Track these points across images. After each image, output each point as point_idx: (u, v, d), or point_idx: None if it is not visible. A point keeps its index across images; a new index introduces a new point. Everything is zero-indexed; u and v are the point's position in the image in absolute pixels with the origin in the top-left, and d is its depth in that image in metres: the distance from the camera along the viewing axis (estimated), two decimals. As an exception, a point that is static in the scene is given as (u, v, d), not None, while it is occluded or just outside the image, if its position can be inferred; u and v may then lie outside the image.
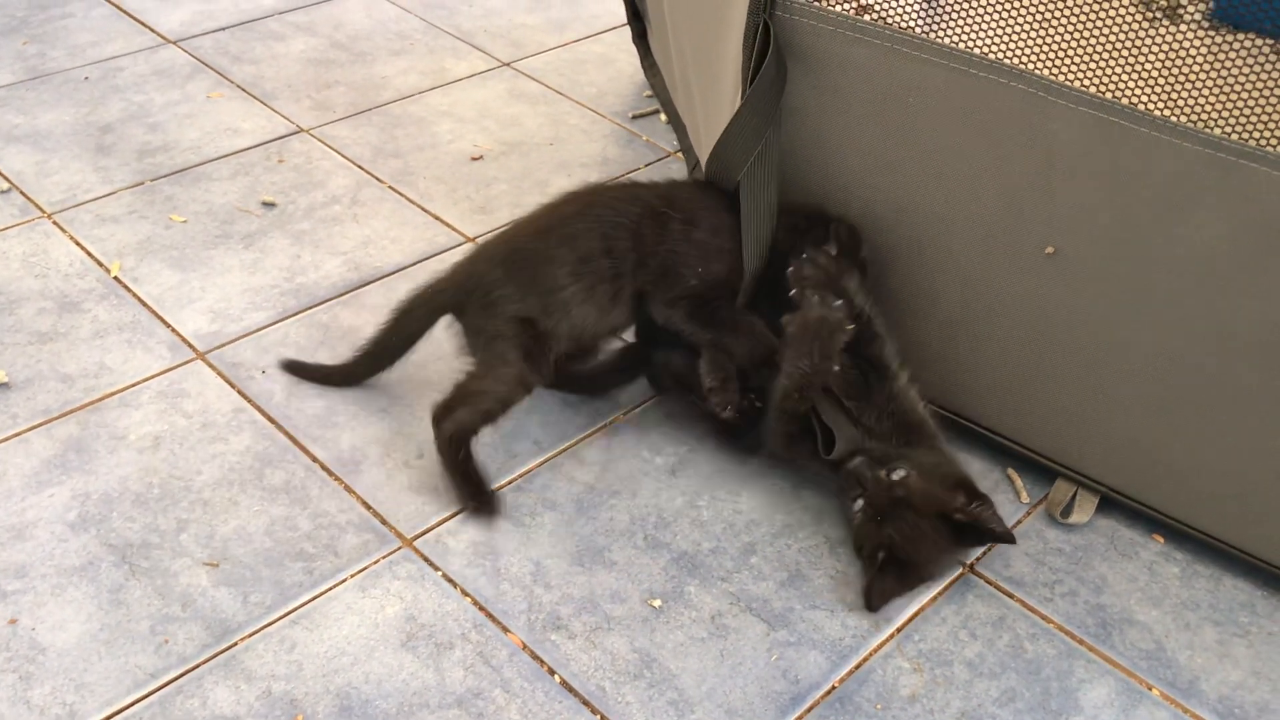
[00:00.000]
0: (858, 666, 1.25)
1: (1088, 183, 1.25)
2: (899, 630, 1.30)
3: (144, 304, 1.68)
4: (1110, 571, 1.37)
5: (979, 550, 1.38)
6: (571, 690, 1.21)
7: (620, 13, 2.33)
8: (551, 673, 1.23)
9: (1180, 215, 1.21)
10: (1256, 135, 1.17)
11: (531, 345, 1.40)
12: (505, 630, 1.27)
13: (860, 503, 1.32)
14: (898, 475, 1.29)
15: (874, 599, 1.30)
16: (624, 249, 1.41)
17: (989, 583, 1.35)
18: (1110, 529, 1.43)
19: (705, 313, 1.41)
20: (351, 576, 1.32)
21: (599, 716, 1.19)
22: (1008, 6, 1.28)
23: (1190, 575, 1.38)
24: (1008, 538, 1.31)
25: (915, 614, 1.31)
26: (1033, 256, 1.32)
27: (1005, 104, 1.25)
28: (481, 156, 2.05)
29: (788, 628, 1.29)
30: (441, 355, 1.57)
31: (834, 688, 1.23)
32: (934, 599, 1.33)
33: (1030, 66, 1.26)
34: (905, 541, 1.29)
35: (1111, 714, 1.22)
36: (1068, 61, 1.24)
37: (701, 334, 1.41)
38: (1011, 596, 1.34)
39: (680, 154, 2.06)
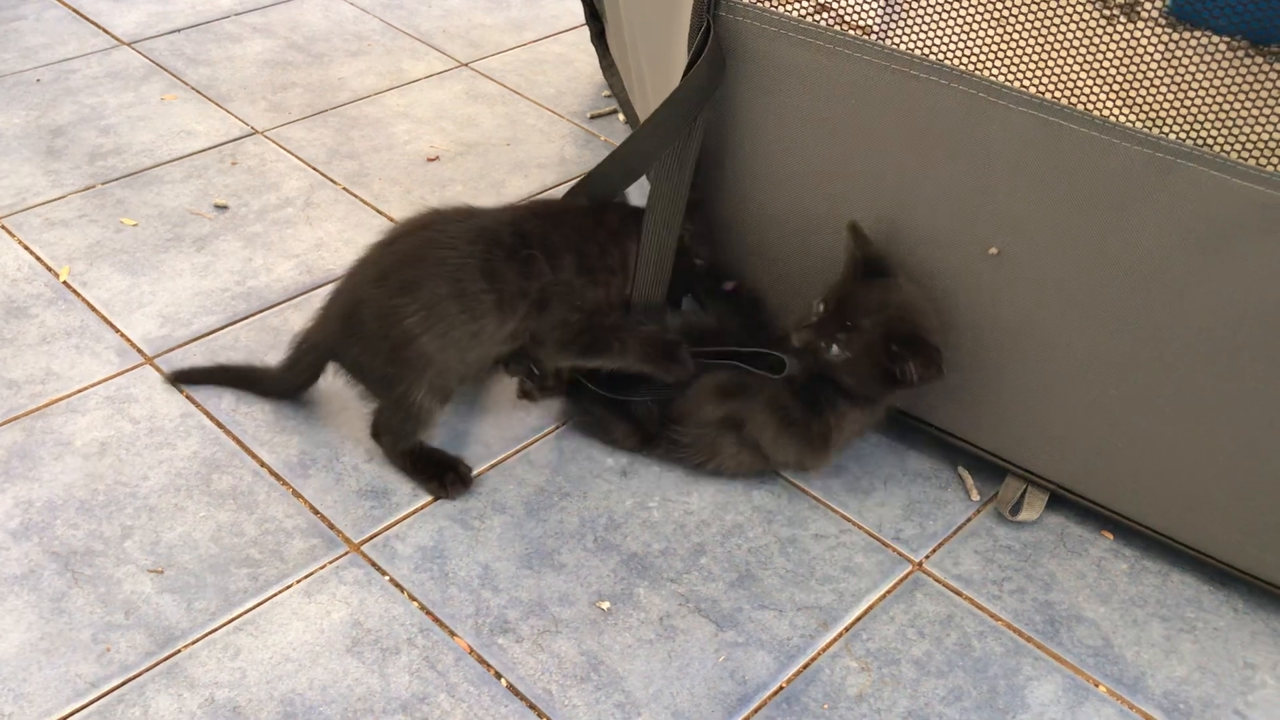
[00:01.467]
0: (805, 666, 1.25)
1: (1028, 183, 1.25)
2: (847, 629, 1.30)
3: (93, 308, 1.66)
4: (1059, 568, 1.38)
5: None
6: (518, 694, 1.21)
7: (579, 13, 2.33)
8: (498, 676, 1.22)
9: (1120, 215, 1.22)
10: (1205, 134, 1.18)
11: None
12: (452, 634, 1.26)
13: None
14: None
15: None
16: (476, 290, 1.33)
17: (938, 581, 1.36)
18: (1060, 526, 1.43)
19: (590, 339, 1.37)
20: (297, 582, 1.31)
21: (545, 720, 1.19)
22: (963, 6, 1.28)
23: (1138, 571, 1.38)
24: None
25: (863, 613, 1.32)
26: (977, 257, 1.33)
27: (945, 105, 1.26)
28: (438, 157, 2.04)
29: (736, 628, 1.29)
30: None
31: (781, 688, 1.23)
32: (882, 597, 1.33)
33: (982, 69, 1.26)
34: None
35: (1058, 711, 1.23)
36: (1023, 62, 1.24)
37: (596, 362, 1.41)
38: (960, 594, 1.34)
39: (637, 154, 2.06)
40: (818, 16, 1.39)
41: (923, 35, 1.30)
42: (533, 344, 1.38)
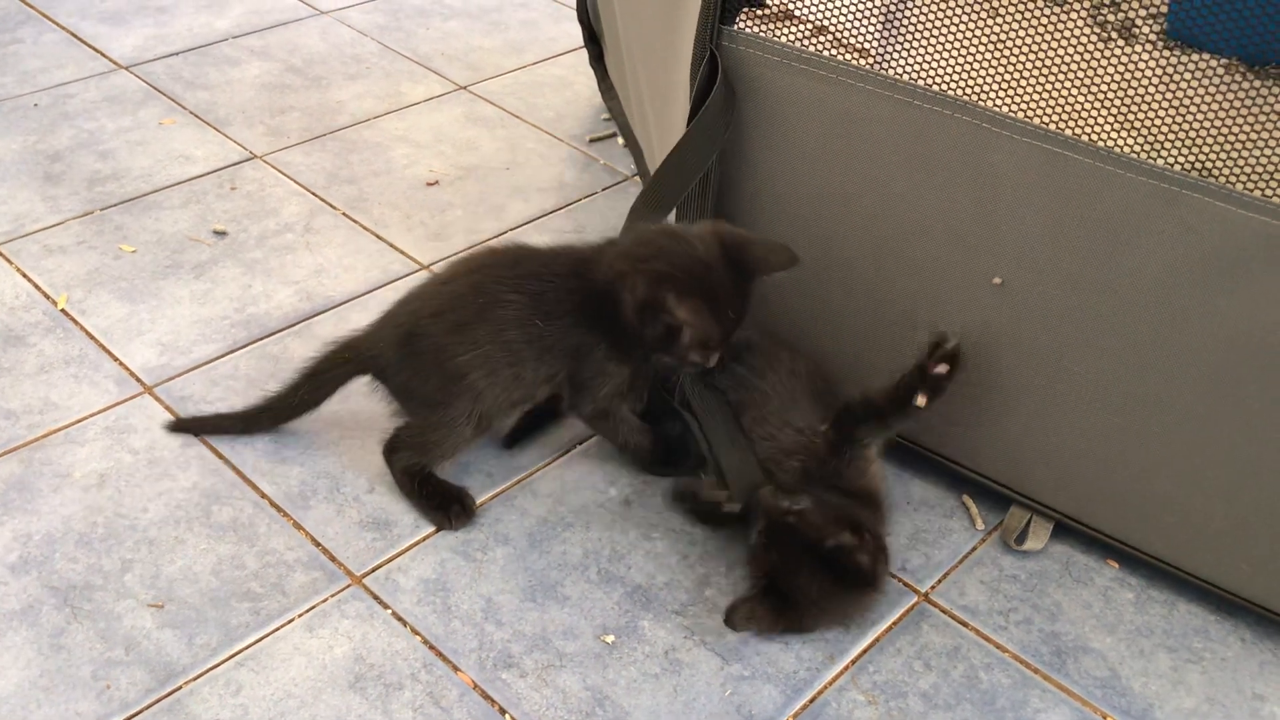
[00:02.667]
0: (812, 700, 1.24)
1: (1032, 214, 1.25)
2: (853, 662, 1.29)
3: (91, 337, 1.66)
4: (1065, 598, 1.37)
5: (891, 613, 1.38)
6: (522, 730, 1.20)
7: (577, 35, 2.33)
8: (503, 712, 1.21)
9: (1125, 246, 1.21)
10: (1207, 160, 1.18)
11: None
12: (455, 669, 1.25)
13: (757, 531, 1.30)
14: (797, 505, 1.27)
15: (737, 616, 1.27)
16: (519, 340, 1.36)
17: (944, 611, 1.35)
18: (1065, 555, 1.43)
19: (596, 414, 1.43)
20: (299, 616, 1.30)
21: (550, 757, 1.18)
22: (957, 27, 1.28)
23: (1144, 601, 1.38)
24: (868, 580, 1.27)
25: (870, 645, 1.31)
26: (981, 288, 1.32)
27: (949, 135, 1.25)
28: (437, 182, 2.03)
29: (741, 661, 1.28)
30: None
31: (788, 723, 1.22)
32: (889, 629, 1.32)
33: (979, 96, 1.26)
34: (786, 571, 1.26)
35: (1066, 744, 1.22)
36: (1023, 88, 1.24)
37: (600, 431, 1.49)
38: (966, 625, 1.34)
39: (638, 178, 2.06)
40: (816, 39, 1.39)
41: (919, 58, 1.30)
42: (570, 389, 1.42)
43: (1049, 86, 1.25)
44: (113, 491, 1.43)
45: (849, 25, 1.37)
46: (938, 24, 1.31)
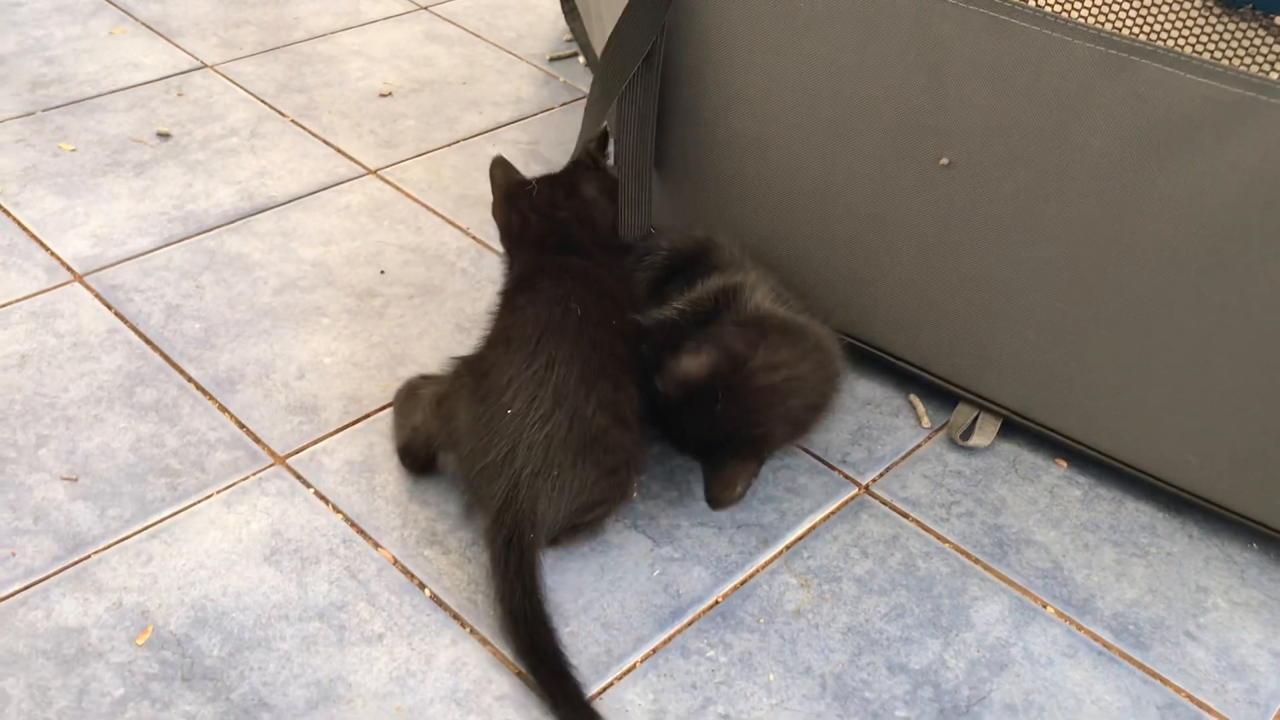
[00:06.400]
0: (743, 582, 1.21)
1: (978, 88, 1.21)
2: (787, 548, 1.25)
3: (23, 227, 1.61)
4: (1010, 494, 1.34)
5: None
6: (441, 604, 1.16)
7: (540, -44, 2.28)
8: (422, 587, 1.17)
9: (1072, 118, 1.18)
10: (1153, 26, 1.14)
11: None
12: (376, 546, 1.21)
13: None
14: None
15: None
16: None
17: (883, 503, 1.31)
18: (1012, 454, 1.39)
19: None
20: (217, 493, 1.25)
21: (469, 629, 1.13)
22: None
23: (1092, 498, 1.34)
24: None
25: (805, 532, 1.27)
26: (928, 169, 1.28)
27: (894, 7, 1.21)
28: (391, 93, 1.99)
29: (673, 544, 1.24)
30: (332, 280, 1.52)
31: (717, 602, 1.18)
32: (825, 518, 1.29)
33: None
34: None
35: (1004, 630, 1.18)
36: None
37: None
38: (906, 516, 1.30)
39: (595, 94, 2.02)
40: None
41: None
42: None
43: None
44: (33, 372, 1.38)
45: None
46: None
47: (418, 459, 1.26)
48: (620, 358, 1.20)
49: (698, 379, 1.18)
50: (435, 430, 1.21)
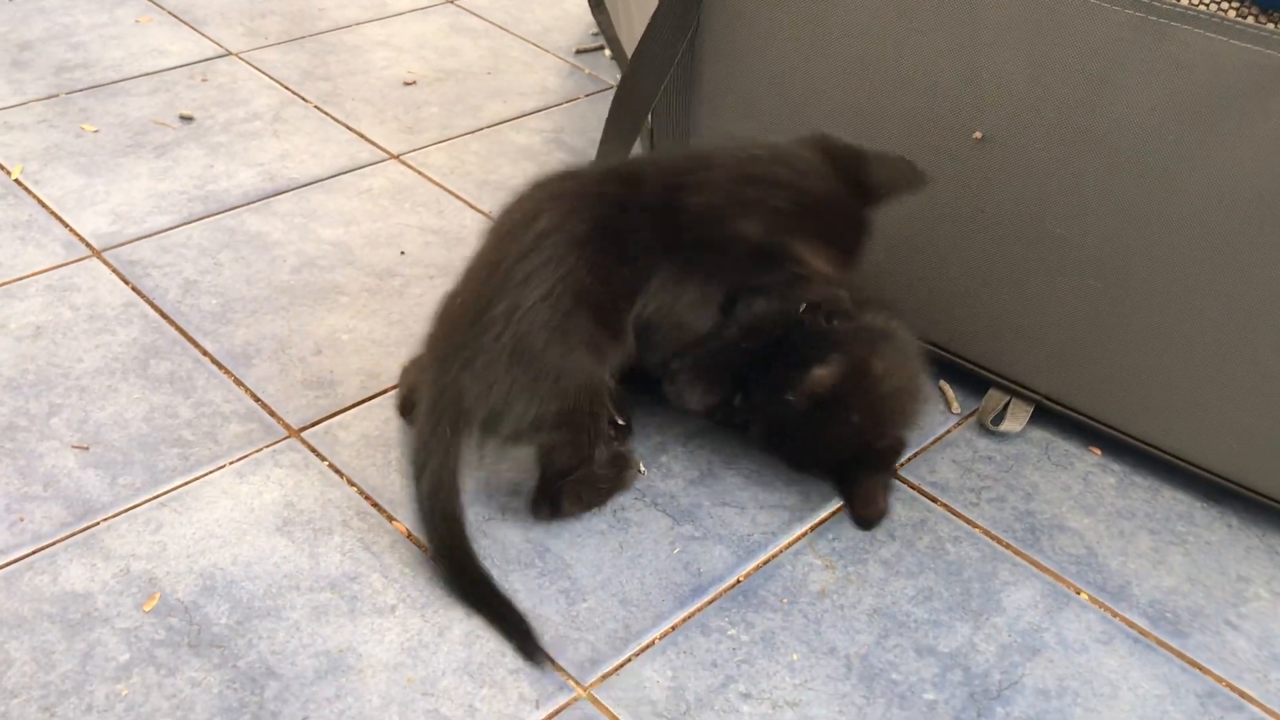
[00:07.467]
0: (766, 562, 1.17)
1: (1013, 59, 1.18)
2: (812, 529, 1.21)
3: (43, 204, 1.60)
4: (1042, 480, 1.30)
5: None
6: (456, 578, 1.12)
7: (567, -51, 2.27)
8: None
9: (1110, 89, 1.14)
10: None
11: None
12: (390, 519, 1.18)
13: None
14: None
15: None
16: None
17: (912, 487, 1.28)
18: (1044, 440, 1.35)
19: None
20: (230, 464, 1.23)
21: (482, 603, 1.10)
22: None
23: (1127, 486, 1.30)
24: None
25: (830, 515, 1.23)
26: (961, 144, 1.25)
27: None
28: (415, 82, 1.98)
29: (694, 523, 1.20)
30: (352, 260, 1.50)
31: (739, 581, 1.15)
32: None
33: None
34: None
35: (1035, 615, 1.14)
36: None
37: None
38: (935, 501, 1.26)
39: (621, 85, 2.00)
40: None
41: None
42: None
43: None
44: (48, 343, 1.36)
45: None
46: None
47: (411, 410, 1.24)
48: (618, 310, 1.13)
49: (830, 390, 1.16)
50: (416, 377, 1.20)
